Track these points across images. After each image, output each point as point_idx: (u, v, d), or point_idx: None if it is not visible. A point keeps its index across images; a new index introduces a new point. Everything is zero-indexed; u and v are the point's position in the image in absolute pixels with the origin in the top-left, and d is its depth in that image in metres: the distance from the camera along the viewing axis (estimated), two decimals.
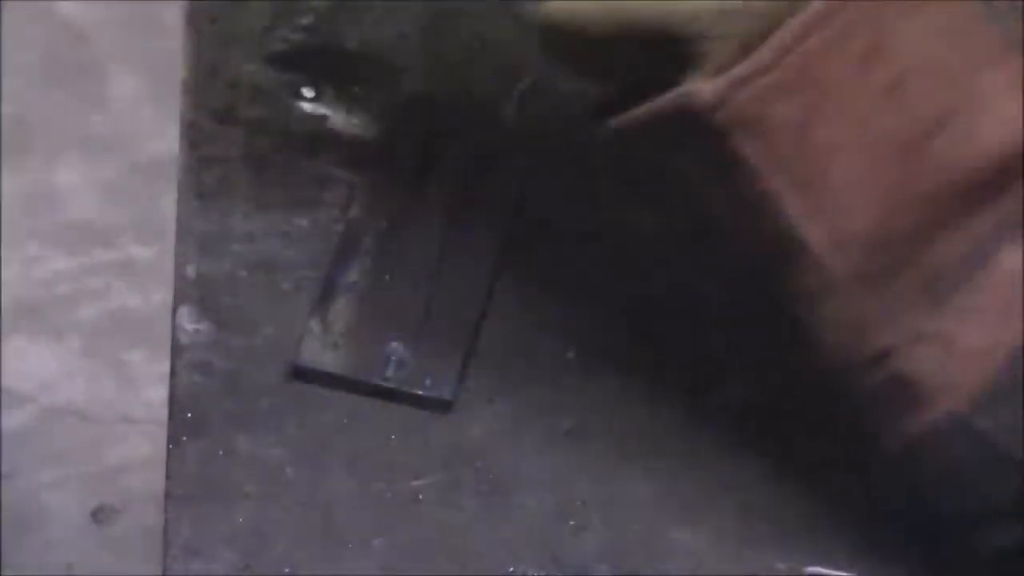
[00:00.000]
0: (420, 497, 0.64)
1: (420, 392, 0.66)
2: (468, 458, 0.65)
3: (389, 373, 0.66)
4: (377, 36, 0.74)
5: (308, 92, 0.73)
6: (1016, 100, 0.53)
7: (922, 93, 0.52)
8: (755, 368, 0.62)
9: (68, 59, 1.72)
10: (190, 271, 0.68)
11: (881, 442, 0.54)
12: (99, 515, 1.32)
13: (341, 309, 0.68)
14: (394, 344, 0.67)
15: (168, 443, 0.65)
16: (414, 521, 0.63)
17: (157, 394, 0.69)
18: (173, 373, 0.66)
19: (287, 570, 0.63)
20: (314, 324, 0.67)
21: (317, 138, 0.72)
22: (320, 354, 0.66)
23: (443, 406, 0.66)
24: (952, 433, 0.53)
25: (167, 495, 0.64)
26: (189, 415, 0.66)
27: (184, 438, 0.65)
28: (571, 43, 0.54)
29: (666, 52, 0.51)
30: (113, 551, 1.36)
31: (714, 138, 0.51)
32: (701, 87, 0.51)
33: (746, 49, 0.51)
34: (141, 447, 1.50)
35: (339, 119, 0.72)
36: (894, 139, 0.51)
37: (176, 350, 0.67)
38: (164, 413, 0.66)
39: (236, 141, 0.71)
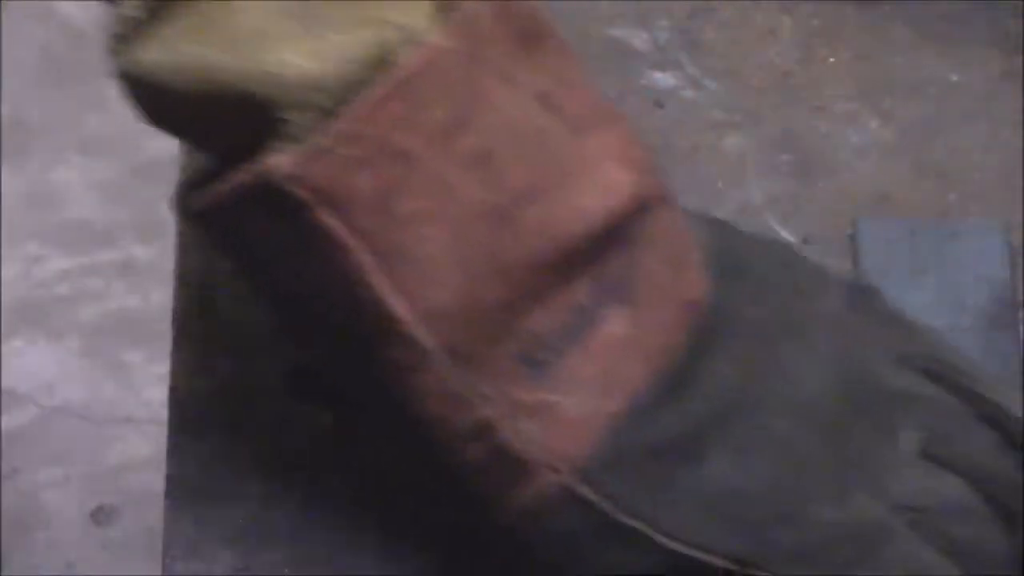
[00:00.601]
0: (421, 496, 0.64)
1: None
2: None
3: None
4: None
5: None
6: (618, 164, 0.53)
7: (512, 163, 0.50)
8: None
9: (68, 59, 1.72)
10: (190, 271, 0.68)
11: (492, 515, 0.54)
12: (99, 515, 1.32)
13: None
14: None
15: (168, 443, 0.65)
16: (414, 521, 0.63)
17: (157, 394, 0.69)
18: (173, 373, 0.66)
19: (287, 570, 0.63)
20: None
21: None
22: None
23: None
24: (559, 505, 0.53)
25: (167, 495, 0.64)
26: (189, 415, 0.66)
27: (184, 438, 0.65)
28: (161, 101, 0.51)
29: (253, 118, 0.49)
30: (113, 551, 1.36)
31: (296, 212, 0.49)
32: (279, 158, 0.49)
33: (327, 118, 0.49)
34: (141, 447, 1.50)
35: None
36: (481, 210, 0.50)
37: (176, 350, 0.67)
38: (164, 413, 0.66)
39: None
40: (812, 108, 0.74)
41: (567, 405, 0.51)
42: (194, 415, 0.66)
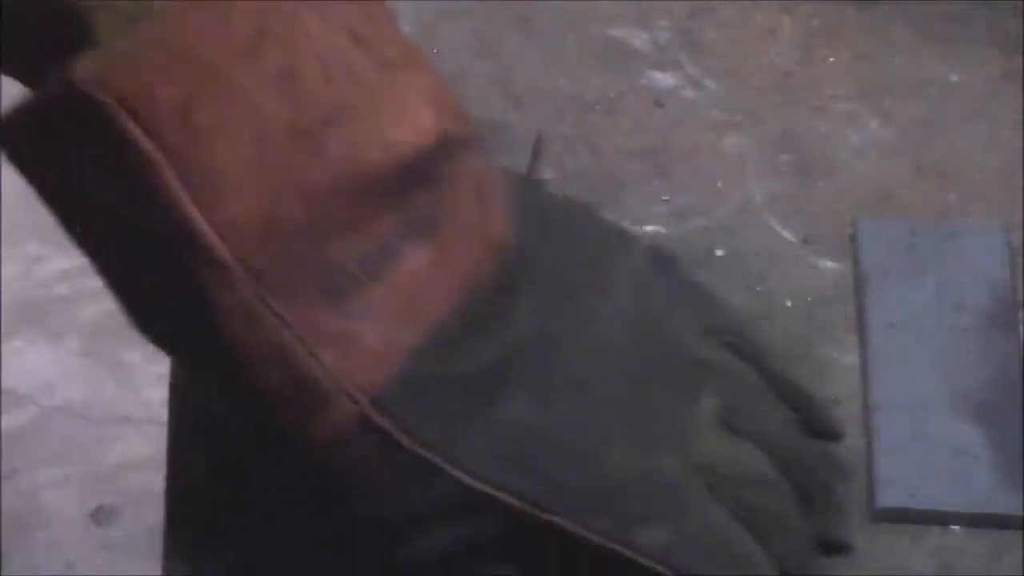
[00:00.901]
0: None
1: None
2: None
3: None
4: None
5: None
6: (426, 104, 0.53)
7: (319, 85, 0.50)
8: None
9: None
10: None
11: (290, 443, 0.53)
12: (99, 515, 1.32)
13: None
14: None
15: (168, 443, 0.65)
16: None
17: (157, 394, 0.69)
18: (173, 373, 0.66)
19: (287, 568, 0.63)
20: None
21: None
22: None
23: None
24: (355, 435, 0.52)
25: (167, 495, 0.64)
26: (189, 415, 0.66)
27: (184, 438, 0.65)
28: None
29: (61, 23, 0.49)
30: (113, 551, 1.36)
31: (99, 118, 0.48)
32: (83, 63, 0.48)
33: (133, 23, 0.48)
34: (141, 447, 1.50)
35: None
36: (284, 128, 0.50)
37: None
38: (164, 413, 0.66)
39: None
40: (812, 108, 0.74)
41: (366, 334, 0.51)
42: (194, 415, 0.66)
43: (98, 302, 1.54)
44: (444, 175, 0.52)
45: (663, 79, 0.74)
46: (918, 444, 0.62)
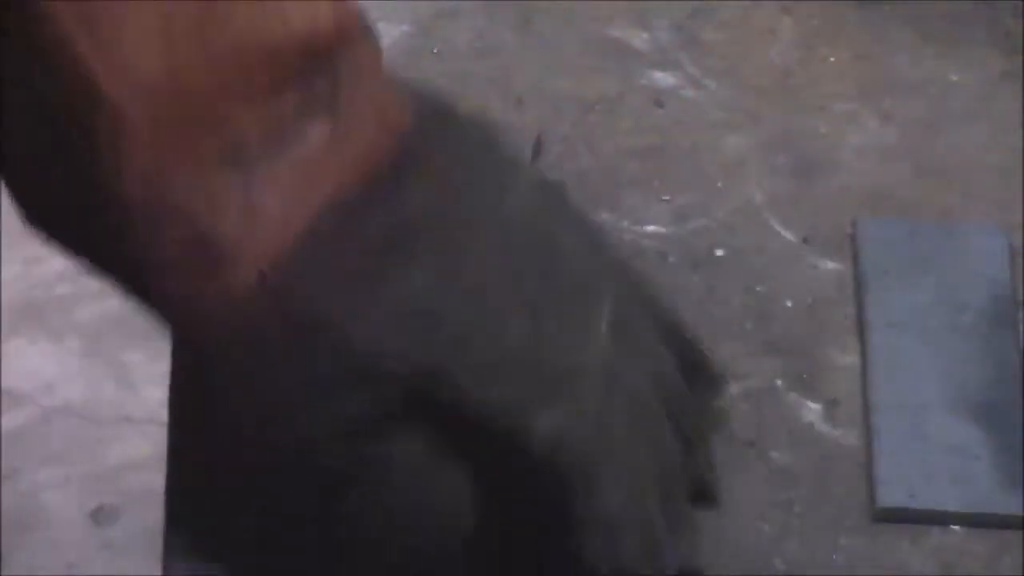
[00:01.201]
0: None
1: None
2: None
3: None
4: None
5: None
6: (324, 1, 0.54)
7: None
8: None
9: None
10: None
11: (186, 320, 0.54)
12: (99, 515, 1.32)
13: None
14: None
15: (168, 443, 0.65)
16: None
17: (157, 394, 0.69)
18: (173, 373, 0.66)
19: (287, 569, 0.63)
20: None
21: None
22: None
23: None
24: (251, 299, 0.53)
25: (167, 495, 0.64)
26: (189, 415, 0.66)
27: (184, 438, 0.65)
28: None
29: None
30: (113, 551, 1.36)
31: None
32: None
33: None
34: (141, 447, 1.50)
35: None
36: None
37: (176, 350, 0.67)
38: (164, 413, 0.66)
39: None
40: (812, 108, 0.74)
41: (267, 202, 0.52)
42: (194, 415, 0.66)
43: (98, 302, 1.54)
44: (341, 63, 0.54)
45: (663, 79, 0.74)
46: (918, 444, 0.62)
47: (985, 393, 0.63)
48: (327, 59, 0.55)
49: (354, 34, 0.57)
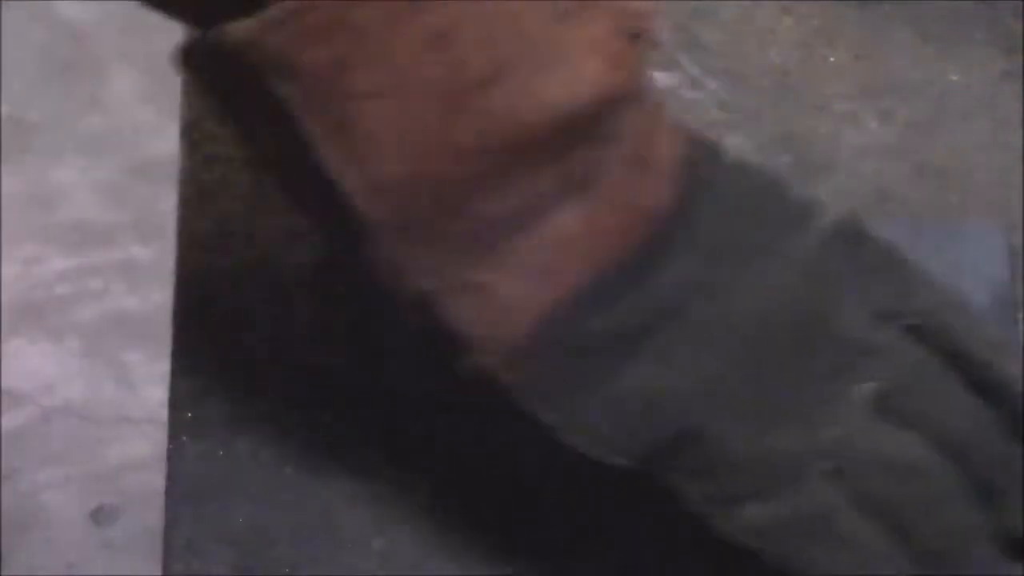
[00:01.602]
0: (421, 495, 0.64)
1: None
2: None
3: None
4: None
5: None
6: (594, 57, 0.53)
7: (475, 46, 0.51)
8: None
9: (67, 59, 1.72)
10: (190, 271, 0.68)
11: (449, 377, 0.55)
12: (99, 515, 1.32)
13: None
14: None
15: (168, 443, 0.65)
16: (415, 520, 0.63)
17: (157, 394, 0.69)
18: (173, 373, 0.66)
19: (287, 570, 0.63)
20: None
21: None
22: None
23: None
24: (487, 383, 0.54)
25: (167, 495, 0.64)
26: (189, 415, 0.66)
27: (184, 438, 0.65)
28: None
29: None
30: (113, 551, 1.36)
31: (253, 79, 0.50)
32: (238, 25, 0.50)
33: None
34: (141, 447, 1.50)
35: None
36: (436, 88, 0.51)
37: (176, 350, 0.67)
38: (164, 413, 0.66)
39: (237, 141, 0.71)
40: (812, 108, 0.74)
41: (505, 289, 0.53)
42: (194, 415, 0.66)
43: (98, 302, 1.54)
44: (605, 133, 0.53)
45: (663, 79, 0.74)
46: None
47: None
48: (587, 132, 0.54)
49: (625, 96, 0.55)
